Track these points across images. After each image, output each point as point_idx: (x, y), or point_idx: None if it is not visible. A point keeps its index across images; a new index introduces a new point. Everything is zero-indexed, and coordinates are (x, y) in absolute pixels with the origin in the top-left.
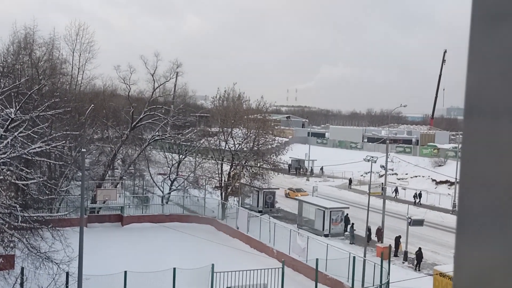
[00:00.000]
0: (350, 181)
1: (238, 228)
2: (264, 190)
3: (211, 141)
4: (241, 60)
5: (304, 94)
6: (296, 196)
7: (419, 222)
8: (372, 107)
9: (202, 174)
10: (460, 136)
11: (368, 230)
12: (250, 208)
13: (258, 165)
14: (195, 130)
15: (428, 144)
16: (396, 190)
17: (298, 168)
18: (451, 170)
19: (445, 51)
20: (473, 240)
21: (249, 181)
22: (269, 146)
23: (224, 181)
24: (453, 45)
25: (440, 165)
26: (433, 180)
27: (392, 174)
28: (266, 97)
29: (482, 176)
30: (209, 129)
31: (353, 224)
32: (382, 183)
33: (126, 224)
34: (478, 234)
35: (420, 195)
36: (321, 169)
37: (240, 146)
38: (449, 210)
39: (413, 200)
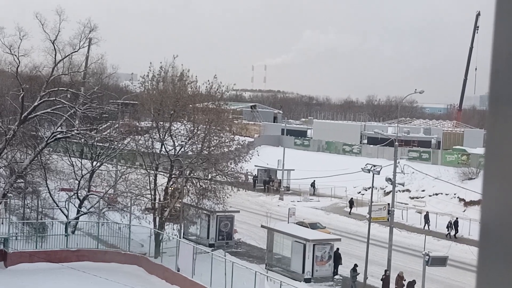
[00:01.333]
0: (351, 203)
1: (179, 270)
2: (217, 214)
3: (140, 141)
4: (184, 22)
5: (277, 73)
6: None
7: (441, 261)
8: (375, 94)
9: (127, 190)
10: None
11: (385, 276)
12: (197, 240)
13: (209, 176)
14: (117, 125)
15: (454, 147)
16: (427, 218)
17: (267, 181)
18: None
19: (478, 14)
20: (498, 273)
21: (196, 201)
22: (226, 149)
23: (159, 200)
24: (493, 5)
25: (470, 178)
26: (461, 200)
27: (403, 191)
28: (221, 77)
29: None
30: (138, 124)
31: (356, 265)
32: (388, 204)
33: (11, 265)
34: (504, 263)
35: (456, 223)
36: (312, 184)
37: (183, 149)
38: None
39: (446, 232)
